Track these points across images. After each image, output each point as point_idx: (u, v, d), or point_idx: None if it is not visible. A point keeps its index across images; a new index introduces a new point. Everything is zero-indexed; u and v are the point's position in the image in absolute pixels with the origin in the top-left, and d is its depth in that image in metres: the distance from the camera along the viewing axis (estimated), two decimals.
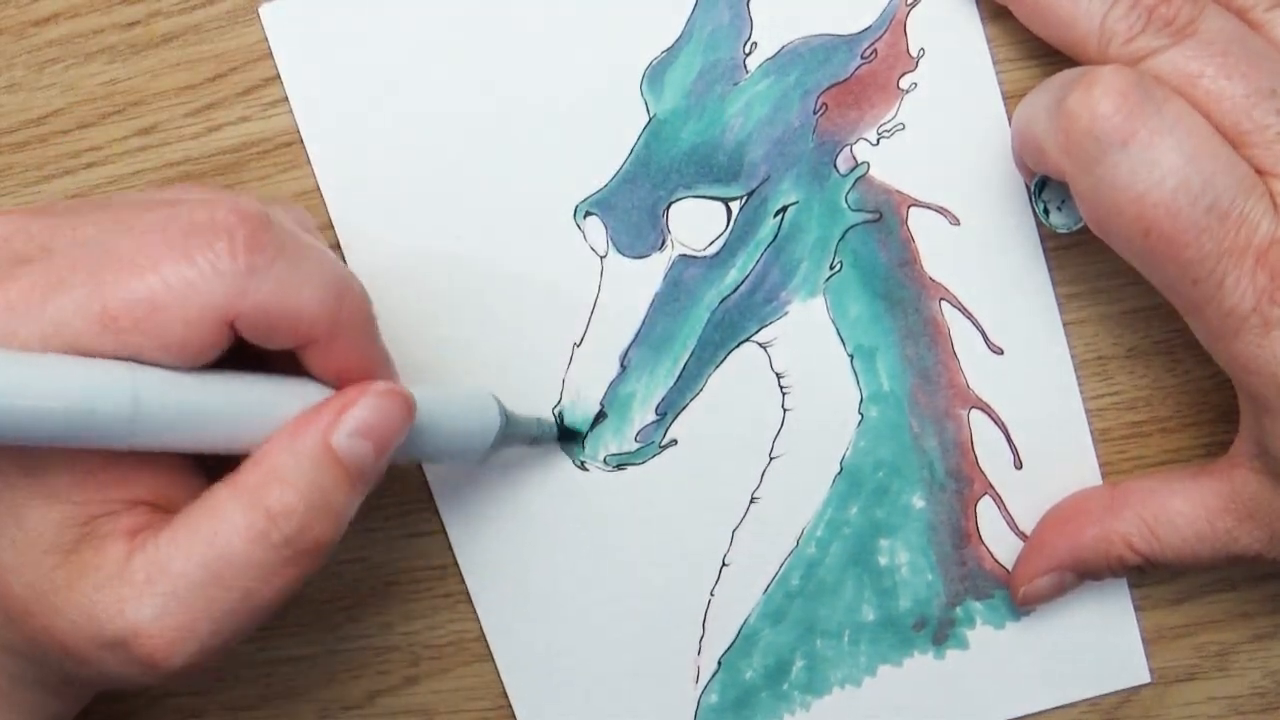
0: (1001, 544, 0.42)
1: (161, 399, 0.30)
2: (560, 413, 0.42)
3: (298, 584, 0.32)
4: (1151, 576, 0.43)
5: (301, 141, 0.42)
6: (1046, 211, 0.37)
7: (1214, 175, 0.32)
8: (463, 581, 0.45)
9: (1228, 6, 0.35)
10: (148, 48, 0.42)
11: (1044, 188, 0.37)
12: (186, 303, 0.30)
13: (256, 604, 0.32)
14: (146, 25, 0.42)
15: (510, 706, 0.45)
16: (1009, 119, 0.39)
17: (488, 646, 0.45)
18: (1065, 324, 0.41)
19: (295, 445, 0.32)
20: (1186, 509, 0.38)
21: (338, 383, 0.33)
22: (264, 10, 0.41)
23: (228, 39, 0.41)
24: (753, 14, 0.39)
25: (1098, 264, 0.35)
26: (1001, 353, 0.41)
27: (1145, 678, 0.43)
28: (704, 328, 0.41)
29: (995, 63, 0.39)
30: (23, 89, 0.43)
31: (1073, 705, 0.44)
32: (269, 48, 0.41)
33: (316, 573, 0.33)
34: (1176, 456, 0.42)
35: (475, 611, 0.45)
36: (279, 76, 0.41)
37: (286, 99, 0.42)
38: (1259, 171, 0.33)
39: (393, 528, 0.45)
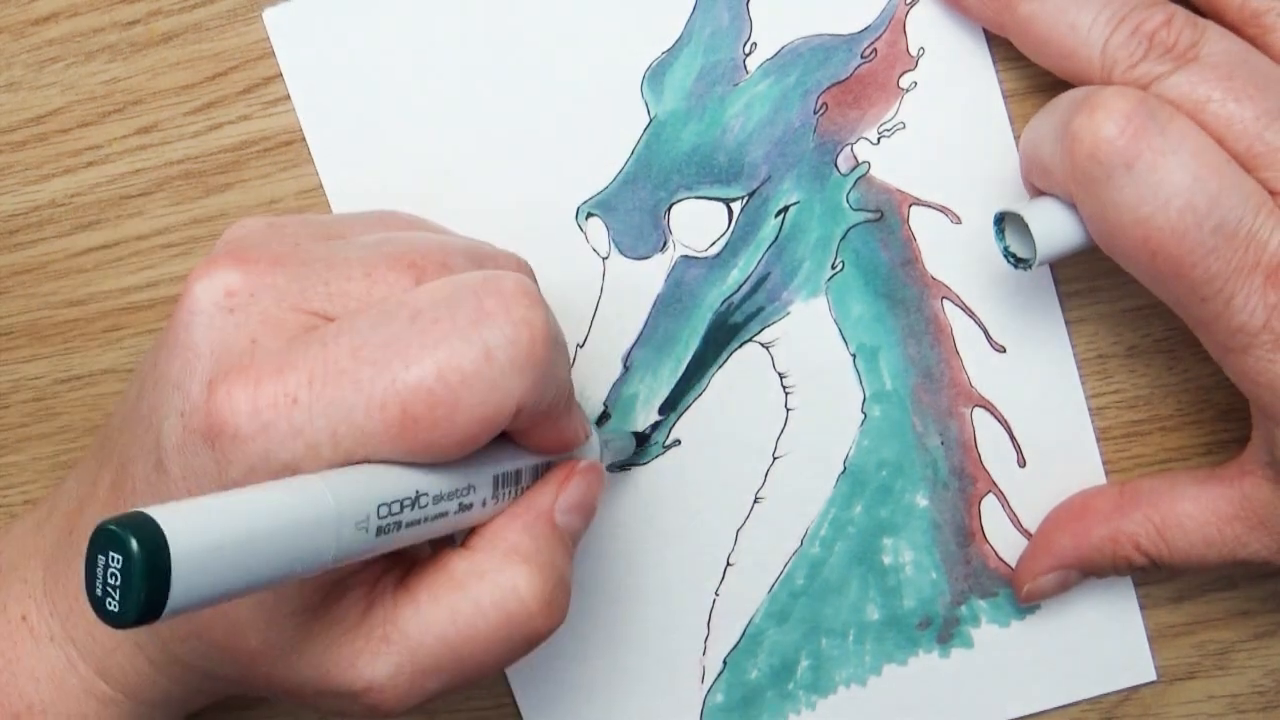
0: (1005, 542, 0.44)
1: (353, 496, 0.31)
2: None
3: (524, 656, 0.35)
4: (1153, 575, 0.45)
5: (303, 140, 0.44)
6: (1008, 250, 0.38)
7: (1220, 194, 0.33)
8: None
9: (1240, 10, 0.36)
10: (148, 46, 0.43)
11: (1003, 222, 0.38)
12: (486, 402, 0.31)
13: (486, 673, 0.34)
14: (146, 24, 0.43)
15: (511, 704, 0.47)
16: (1009, 117, 0.41)
17: None
18: (1066, 322, 0.43)
19: (530, 526, 0.35)
20: (1196, 513, 0.40)
21: (540, 450, 0.36)
22: (267, 15, 0.42)
23: (228, 38, 0.43)
24: (752, 14, 0.41)
25: (1097, 262, 0.37)
26: (1004, 351, 0.43)
27: (1151, 675, 0.45)
28: (706, 328, 0.43)
29: (995, 61, 0.41)
30: (22, 88, 0.44)
31: (1073, 704, 0.46)
32: (269, 47, 0.43)
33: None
34: (1176, 455, 0.44)
35: None
36: (280, 75, 0.43)
37: (287, 97, 0.43)
38: (1272, 194, 0.34)
39: None
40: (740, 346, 0.44)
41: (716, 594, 0.46)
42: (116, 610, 0.25)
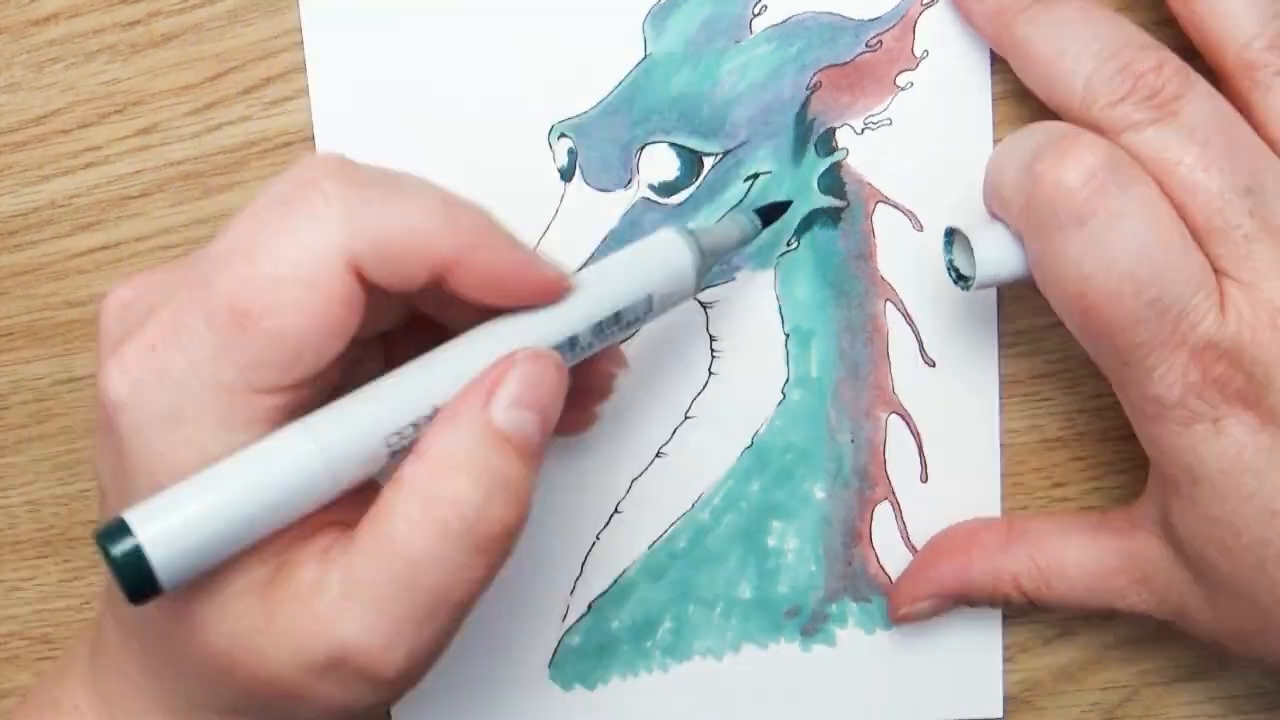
0: (890, 551, 0.46)
1: (345, 442, 0.33)
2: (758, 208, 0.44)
3: (492, 573, 0.34)
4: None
5: (303, 141, 0.45)
6: (952, 264, 0.40)
7: (1165, 270, 0.35)
8: None
9: (1238, 56, 0.37)
10: (148, 47, 0.45)
11: (954, 237, 0.40)
12: (303, 265, 0.32)
13: (454, 600, 0.33)
14: (147, 25, 0.45)
15: None
16: (994, 140, 0.43)
17: None
18: (1000, 352, 0.45)
19: (458, 430, 0.33)
20: (1082, 561, 0.42)
21: (500, 301, 0.35)
22: None
23: (228, 38, 0.45)
24: None
25: (1046, 309, 0.39)
26: (933, 365, 0.45)
27: (997, 712, 0.47)
28: None
29: (993, 82, 0.43)
30: (22, 88, 0.46)
31: (1078, 704, 0.48)
32: (270, 48, 0.45)
33: (507, 560, 0.34)
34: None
35: None
36: (279, 77, 0.45)
37: (288, 98, 0.45)
38: (1218, 271, 0.36)
39: None
40: None
41: (598, 538, 0.47)
42: (126, 598, 0.31)
